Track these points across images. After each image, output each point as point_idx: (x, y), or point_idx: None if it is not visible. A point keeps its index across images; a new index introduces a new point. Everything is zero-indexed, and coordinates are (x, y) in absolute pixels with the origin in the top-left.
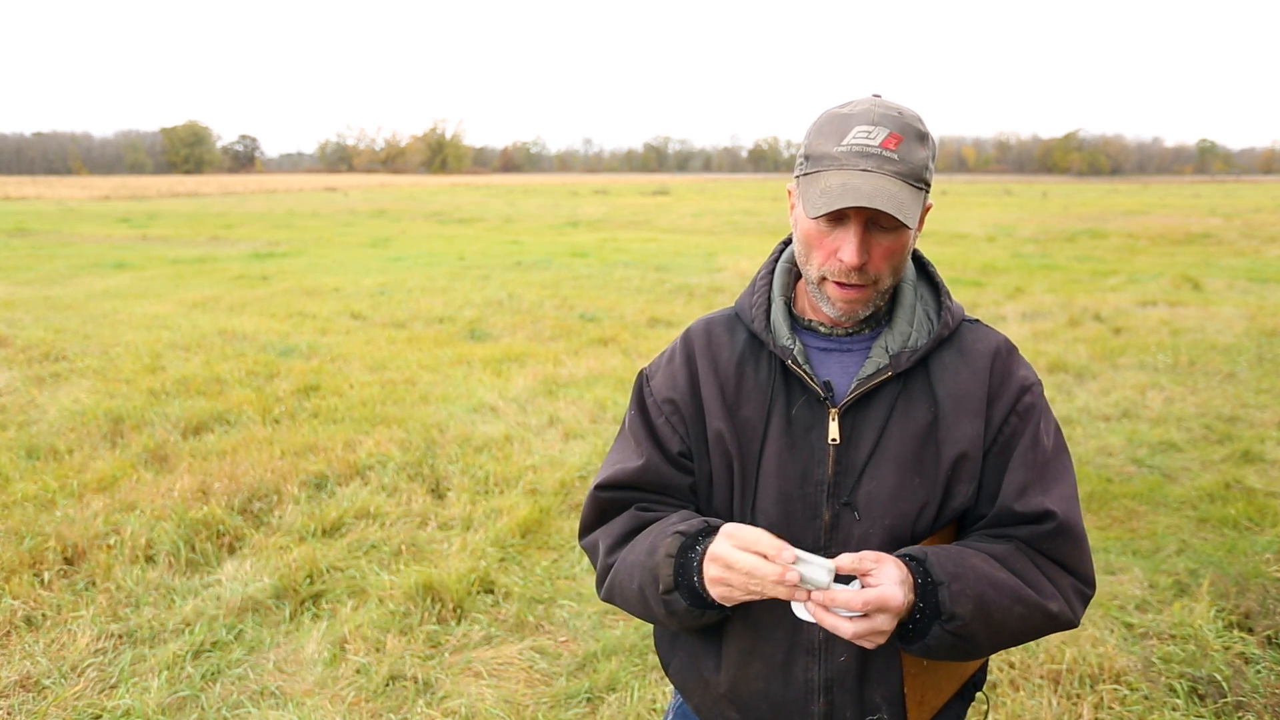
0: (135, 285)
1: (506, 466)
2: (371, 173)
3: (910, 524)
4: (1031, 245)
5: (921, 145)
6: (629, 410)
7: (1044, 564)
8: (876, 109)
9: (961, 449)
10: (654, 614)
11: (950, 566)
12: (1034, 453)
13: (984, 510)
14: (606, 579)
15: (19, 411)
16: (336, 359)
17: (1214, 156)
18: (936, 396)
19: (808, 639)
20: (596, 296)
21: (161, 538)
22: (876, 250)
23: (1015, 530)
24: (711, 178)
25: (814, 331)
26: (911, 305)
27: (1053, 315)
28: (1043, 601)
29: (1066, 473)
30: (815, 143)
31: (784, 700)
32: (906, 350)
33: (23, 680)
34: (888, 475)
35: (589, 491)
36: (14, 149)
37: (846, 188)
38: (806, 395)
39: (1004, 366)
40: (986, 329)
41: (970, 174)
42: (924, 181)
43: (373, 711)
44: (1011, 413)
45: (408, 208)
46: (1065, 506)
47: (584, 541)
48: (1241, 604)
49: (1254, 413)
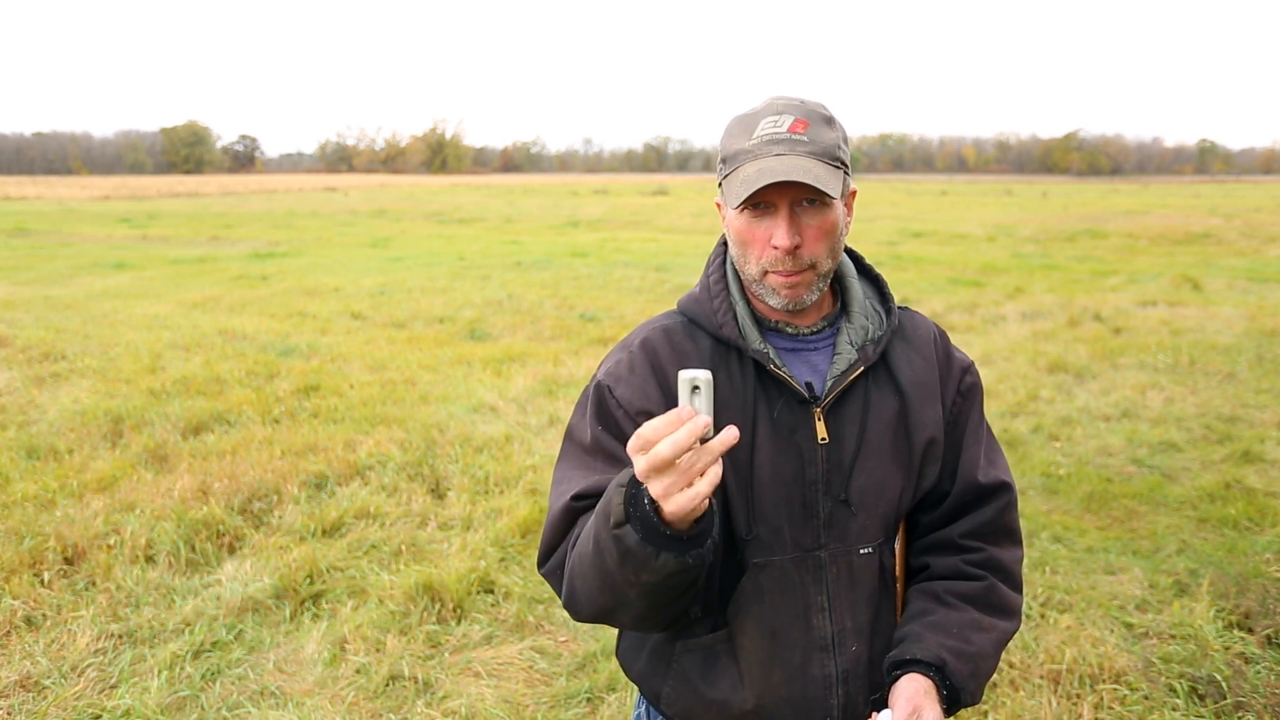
0: (135, 285)
1: (506, 466)
2: (371, 173)
3: (895, 510)
4: (1031, 245)
5: (829, 127)
6: (588, 426)
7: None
8: (779, 101)
9: (930, 433)
10: (609, 573)
11: (965, 667)
12: (981, 429)
13: (946, 487)
14: (568, 567)
15: (19, 411)
16: (336, 359)
17: (1214, 156)
18: (900, 385)
19: (820, 636)
20: (596, 296)
21: (161, 538)
22: (808, 232)
23: (982, 512)
24: (711, 178)
25: (779, 332)
26: (862, 298)
27: (1053, 315)
28: (1013, 625)
29: (998, 443)
30: (728, 144)
31: (806, 700)
32: (869, 343)
33: (23, 680)
34: (875, 467)
35: (558, 508)
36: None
37: (763, 171)
38: (784, 398)
39: (944, 350)
40: (919, 315)
41: (970, 174)
42: (839, 160)
43: (373, 711)
44: (958, 394)
45: (408, 208)
46: (1010, 475)
47: (547, 567)
48: (1241, 604)
49: (1254, 413)
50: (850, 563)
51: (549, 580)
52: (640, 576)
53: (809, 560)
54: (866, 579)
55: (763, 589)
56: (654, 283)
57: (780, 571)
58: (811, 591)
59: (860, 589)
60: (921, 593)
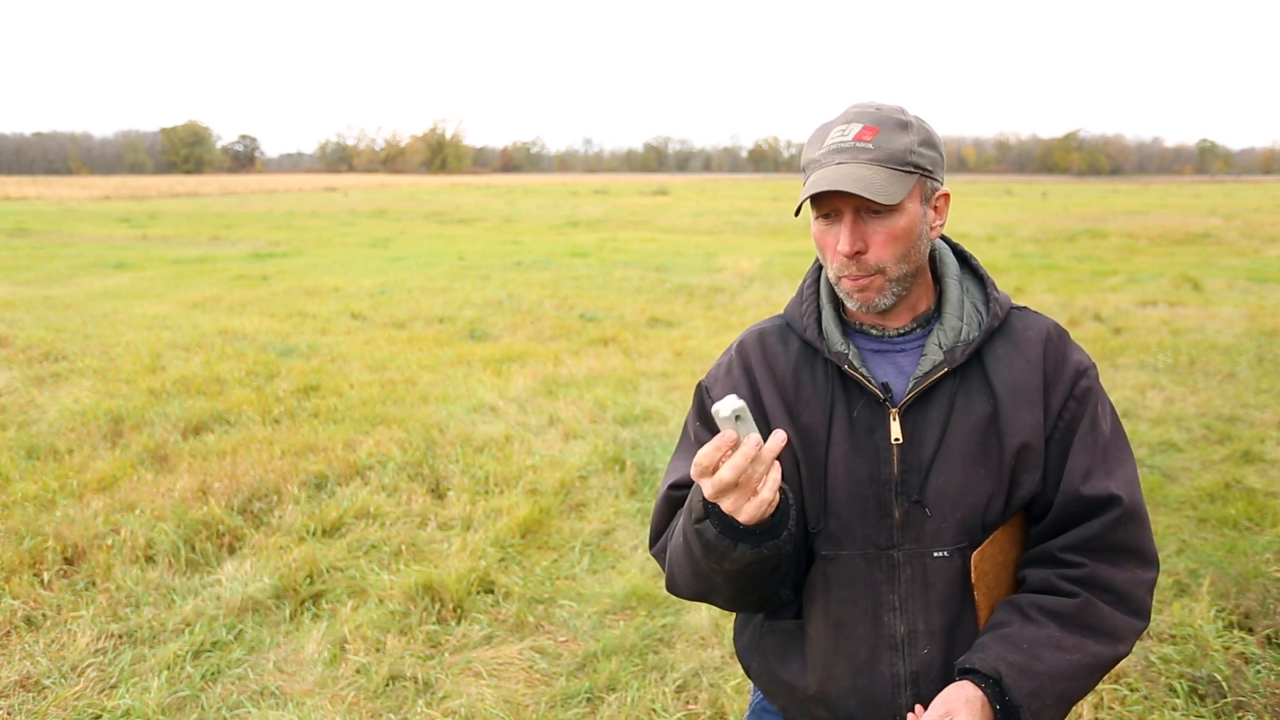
0: (135, 285)
1: (506, 466)
2: (371, 173)
3: (980, 516)
4: (1031, 245)
5: (902, 132)
6: (691, 422)
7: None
8: (853, 110)
9: (1024, 439)
10: (696, 561)
11: (1028, 684)
12: (1094, 436)
13: (1050, 496)
14: (667, 556)
15: (19, 411)
16: (336, 359)
17: (1214, 156)
18: (994, 388)
19: (890, 635)
20: (596, 296)
21: (161, 538)
22: (874, 238)
23: (1087, 526)
24: (711, 178)
25: (865, 335)
26: (959, 299)
27: (1053, 315)
28: (1116, 651)
29: (1127, 455)
30: (806, 153)
31: (871, 696)
32: (960, 345)
33: (23, 680)
34: (954, 470)
35: (660, 496)
36: (14, 149)
37: (819, 180)
38: (865, 398)
39: (1057, 352)
40: (1035, 315)
41: (970, 174)
42: (910, 165)
43: (373, 711)
44: (1069, 398)
45: (408, 208)
46: (1129, 490)
47: (655, 548)
48: (1241, 604)
49: (1254, 413)
50: (925, 565)
51: (657, 560)
52: (722, 565)
53: (882, 559)
54: (942, 582)
55: (829, 581)
56: (654, 283)
57: (848, 566)
58: (884, 590)
59: (935, 592)
60: (1007, 605)
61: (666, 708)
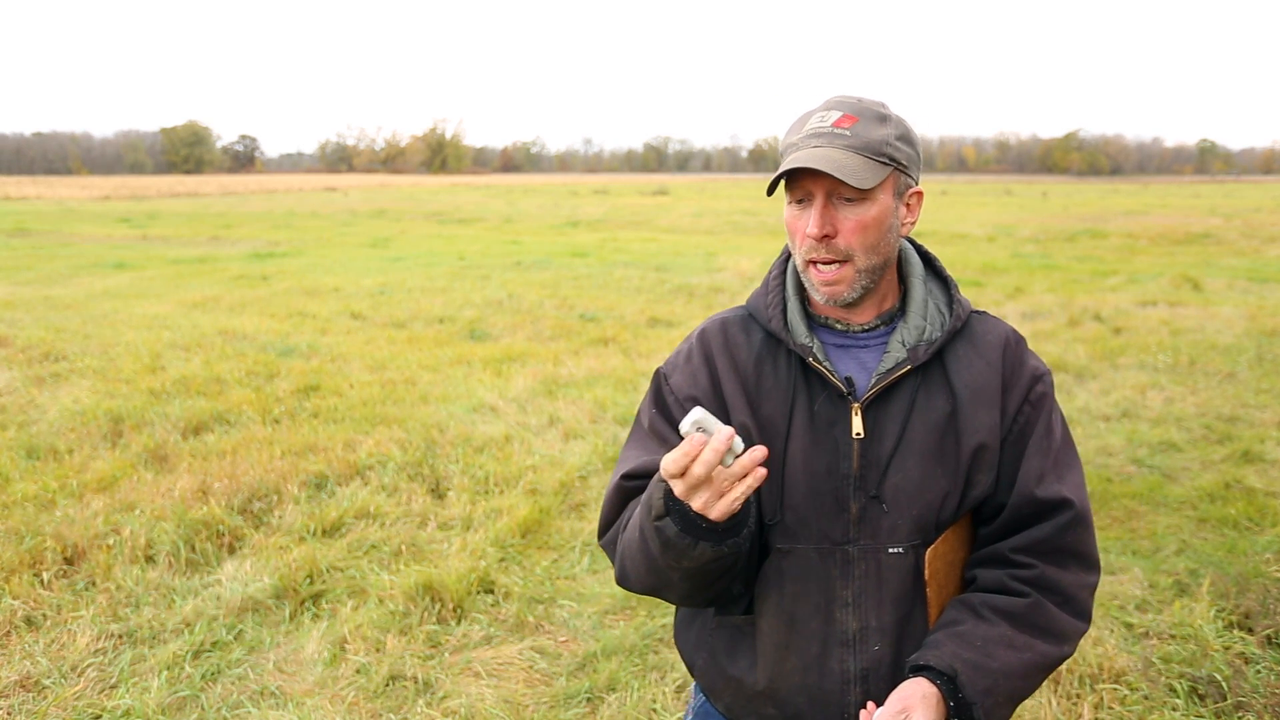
0: (135, 285)
1: (506, 466)
2: (371, 173)
3: (935, 513)
4: (1031, 245)
5: (881, 124)
6: (646, 409)
7: (1063, 585)
8: (834, 99)
9: (981, 439)
10: (653, 558)
11: (982, 681)
12: (1048, 440)
13: (1003, 498)
14: (619, 548)
15: (19, 411)
16: (336, 359)
17: (1214, 156)
18: (954, 388)
19: (842, 630)
20: (596, 296)
21: (161, 538)
22: (844, 224)
23: (1039, 528)
24: (711, 178)
25: (830, 329)
26: (923, 299)
27: (1053, 315)
28: (1061, 651)
29: (1076, 461)
30: (784, 138)
31: (820, 693)
32: (923, 344)
33: (23, 680)
34: (913, 467)
35: (611, 486)
36: (14, 149)
37: (793, 160)
38: (827, 391)
39: (1015, 356)
40: (995, 320)
41: (970, 174)
42: (885, 156)
43: (373, 711)
44: (1025, 402)
45: (408, 208)
46: (1079, 494)
47: (605, 539)
48: (1241, 604)
49: (1254, 413)
50: (879, 561)
51: (605, 551)
52: (681, 562)
53: (836, 554)
54: (895, 579)
55: (784, 574)
56: (654, 283)
57: (803, 560)
58: (837, 585)
59: (888, 588)
60: (959, 604)
61: (666, 708)
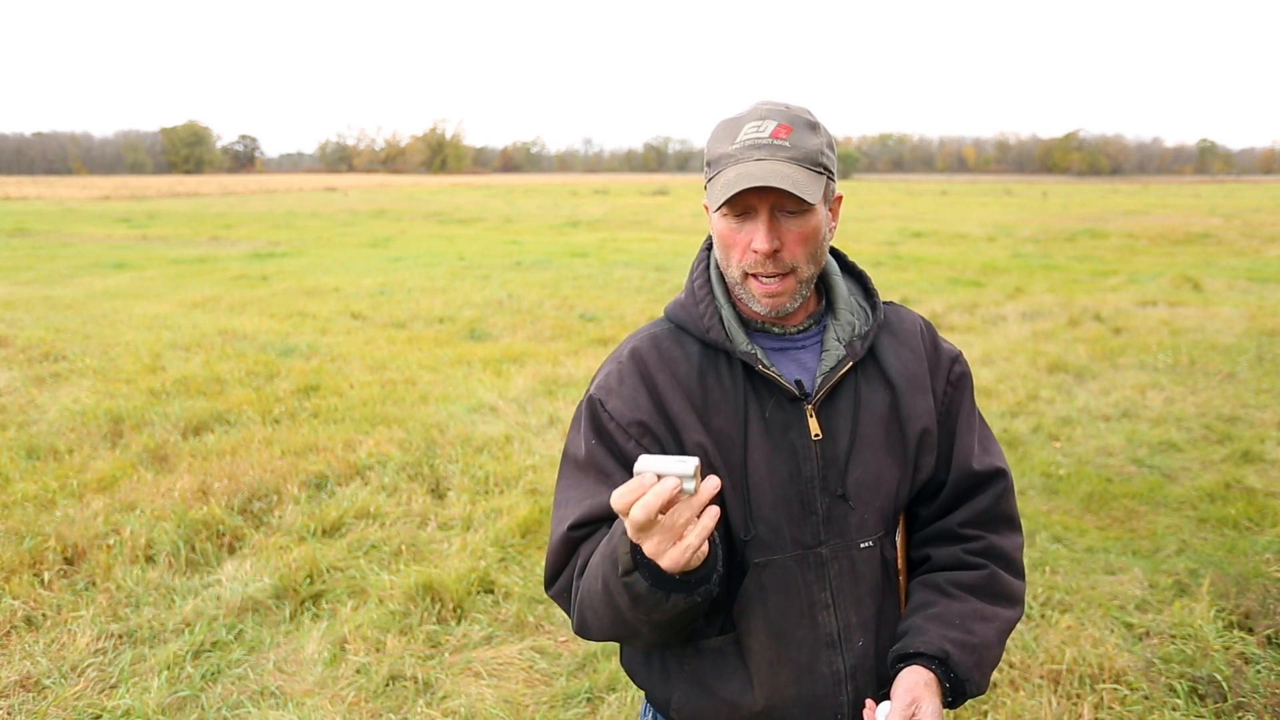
0: (135, 285)
1: (506, 466)
2: (371, 173)
3: (893, 503)
4: (1031, 245)
5: (813, 133)
6: (582, 441)
7: (1007, 551)
8: (764, 106)
9: (923, 424)
10: (621, 612)
11: (969, 658)
12: (973, 417)
13: (942, 477)
14: (576, 598)
15: (19, 411)
16: (336, 359)
17: (1214, 156)
18: (890, 378)
19: (827, 633)
20: (596, 296)
21: (161, 538)
22: (788, 237)
23: (979, 500)
24: None
25: (765, 333)
26: (847, 295)
27: (1053, 315)
28: (1016, 613)
29: (990, 431)
30: (713, 147)
31: (815, 699)
32: (856, 339)
33: (23, 680)
34: (870, 461)
35: (557, 536)
36: (14, 149)
37: (742, 175)
38: (776, 396)
39: (931, 341)
40: (904, 308)
41: (970, 174)
42: (821, 166)
43: (373, 711)
44: (948, 384)
45: (408, 208)
46: (1005, 461)
47: (554, 590)
48: (1241, 604)
49: (1254, 413)
50: (852, 558)
51: (557, 601)
52: (652, 616)
53: (810, 557)
54: (869, 573)
55: (765, 589)
56: (654, 283)
57: (782, 570)
58: (815, 589)
59: (863, 583)
60: (924, 584)
61: None
